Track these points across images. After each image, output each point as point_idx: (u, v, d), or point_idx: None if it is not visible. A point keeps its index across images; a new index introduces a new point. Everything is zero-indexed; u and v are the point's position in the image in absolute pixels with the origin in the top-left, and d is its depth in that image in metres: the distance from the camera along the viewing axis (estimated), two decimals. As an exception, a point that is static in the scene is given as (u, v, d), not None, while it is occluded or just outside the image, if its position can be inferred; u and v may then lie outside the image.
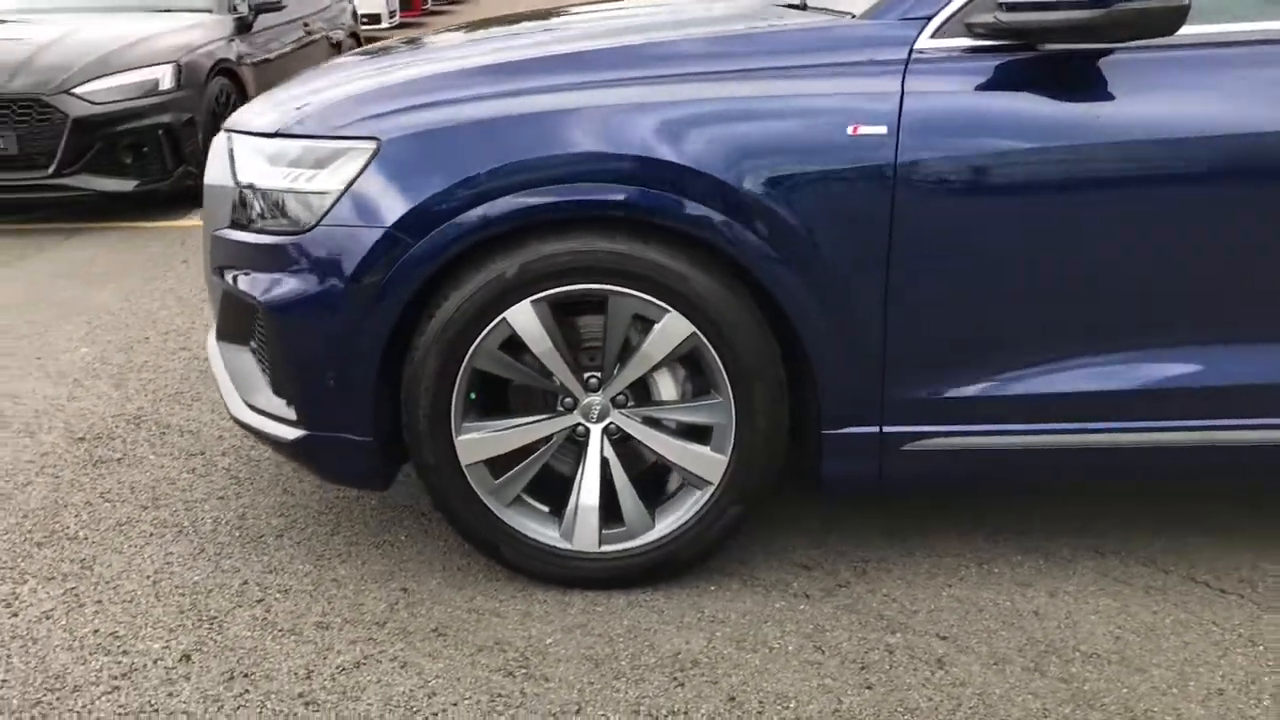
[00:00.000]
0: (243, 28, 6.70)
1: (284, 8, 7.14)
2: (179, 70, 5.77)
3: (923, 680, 2.11)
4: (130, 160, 5.56)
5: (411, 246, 2.17)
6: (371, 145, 2.21)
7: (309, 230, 2.24)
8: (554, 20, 2.97)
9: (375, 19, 16.60)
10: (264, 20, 6.92)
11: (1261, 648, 2.20)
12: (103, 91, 5.49)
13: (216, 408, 3.33)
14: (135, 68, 5.66)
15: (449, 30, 3.21)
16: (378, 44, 3.26)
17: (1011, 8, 2.06)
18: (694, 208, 2.14)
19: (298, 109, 2.39)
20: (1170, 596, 2.37)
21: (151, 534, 2.65)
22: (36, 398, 3.46)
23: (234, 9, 6.77)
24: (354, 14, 9.45)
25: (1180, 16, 1.98)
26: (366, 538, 2.64)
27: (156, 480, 2.92)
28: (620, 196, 2.14)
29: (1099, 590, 2.40)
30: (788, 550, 2.56)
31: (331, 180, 2.23)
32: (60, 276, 4.73)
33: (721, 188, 2.13)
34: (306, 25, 7.72)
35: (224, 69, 6.18)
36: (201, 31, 6.32)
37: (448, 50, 2.68)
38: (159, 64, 5.74)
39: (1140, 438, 2.25)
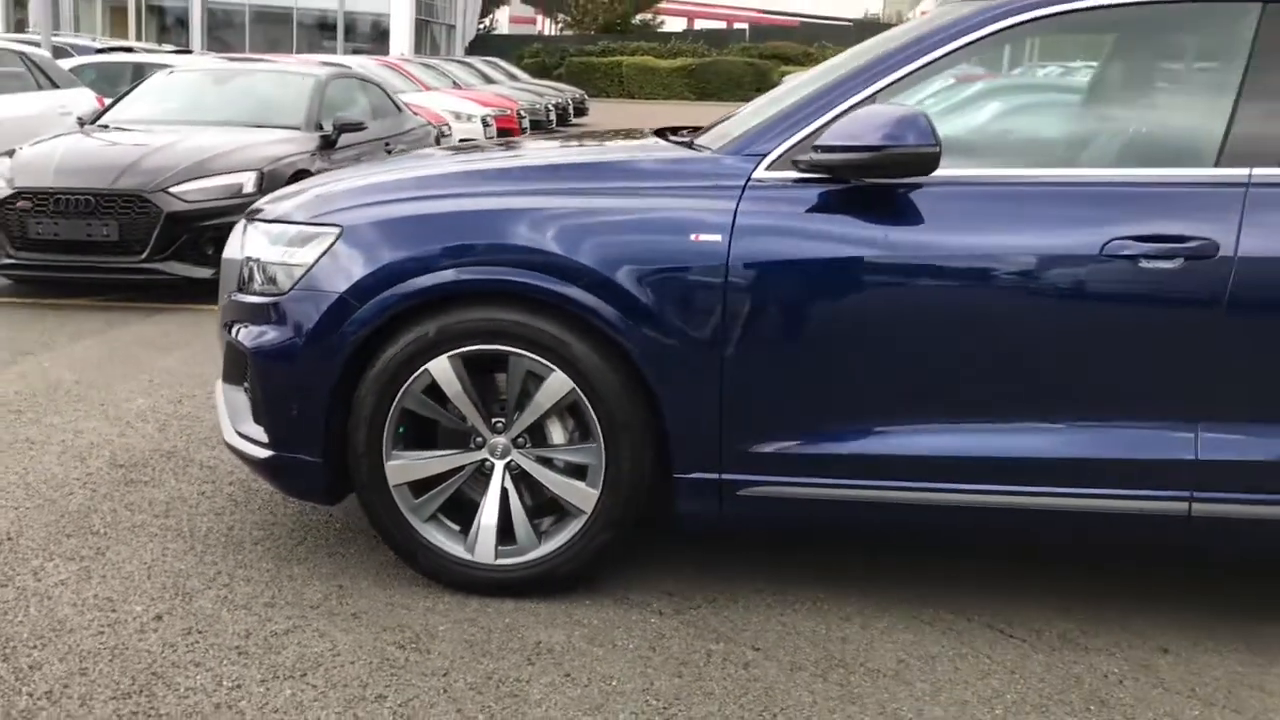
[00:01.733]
0: (326, 144, 7.63)
1: (365, 128, 8.08)
2: (262, 177, 6.66)
3: (726, 675, 2.61)
4: (211, 251, 6.41)
5: (358, 309, 2.83)
6: (336, 230, 2.89)
7: (288, 292, 2.92)
8: (511, 147, 3.67)
9: (474, 143, 17.83)
10: (347, 139, 7.85)
11: (1017, 675, 2.65)
12: (194, 191, 6.39)
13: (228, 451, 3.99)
14: (225, 173, 6.56)
15: (439, 149, 3.95)
16: (396, 154, 3.99)
17: (823, 150, 2.67)
18: (574, 290, 2.75)
19: (297, 201, 3.11)
20: (963, 637, 2.83)
21: (156, 534, 3.30)
22: (94, 434, 4.18)
23: (319, 127, 7.73)
24: (438, 138, 10.46)
25: (933, 160, 2.57)
26: (324, 549, 3.24)
27: (171, 498, 3.58)
28: (518, 278, 2.77)
29: (904, 628, 2.87)
30: (660, 581, 3.08)
31: (306, 255, 2.91)
32: (136, 344, 5.53)
33: (595, 276, 2.74)
34: (387, 145, 8.67)
35: (303, 177, 7.05)
36: (288, 146, 7.26)
37: (422, 161, 3.39)
38: (245, 170, 6.65)
39: (930, 497, 2.76)
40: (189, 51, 23.55)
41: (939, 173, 2.66)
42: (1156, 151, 2.89)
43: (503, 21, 57.46)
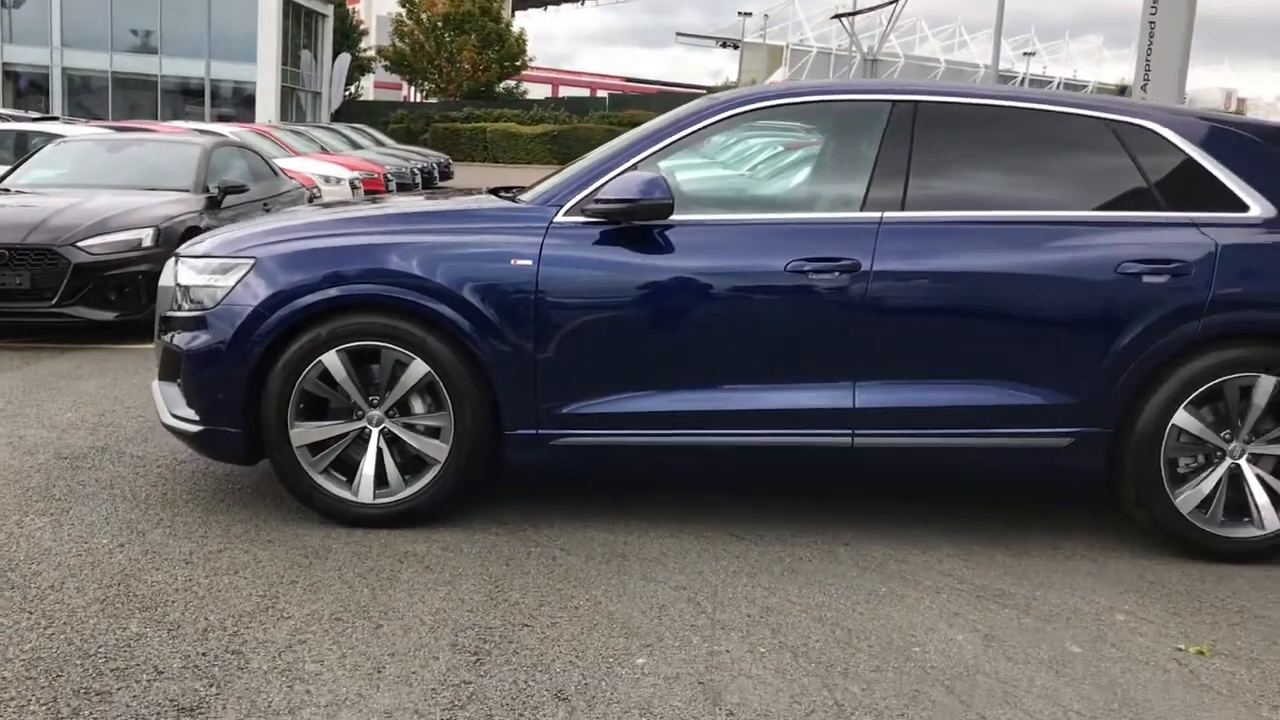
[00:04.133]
0: (213, 204, 8.59)
1: (247, 190, 9.08)
2: (158, 233, 7.60)
3: (540, 563, 3.76)
4: (115, 297, 7.32)
5: (268, 317, 3.91)
6: (251, 260, 3.98)
7: (213, 308, 3.99)
8: (378, 201, 4.81)
9: (343, 205, 18.72)
10: (231, 199, 8.81)
11: (740, 559, 3.86)
12: (99, 245, 7.30)
13: (158, 445, 4.97)
14: (126, 229, 7.50)
15: (324, 202, 5.06)
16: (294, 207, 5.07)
17: (601, 202, 3.90)
18: (430, 301, 3.89)
19: (217, 241, 4.18)
20: (710, 539, 4.03)
21: (106, 500, 4.28)
22: (35, 438, 5.10)
23: (207, 190, 8.70)
24: (310, 199, 11.46)
25: (669, 209, 3.83)
26: (241, 503, 4.27)
27: (113, 477, 4.56)
28: (389, 292, 3.90)
29: (669, 535, 4.05)
30: (498, 514, 4.20)
31: (228, 280, 3.99)
32: (54, 376, 6.41)
33: (445, 291, 3.89)
34: (266, 205, 9.64)
35: (194, 233, 8.01)
36: (180, 206, 8.22)
37: (313, 211, 4.50)
38: (144, 227, 7.58)
39: (683, 440, 3.96)
40: (54, 118, 23.90)
41: (683, 216, 3.92)
42: (825, 201, 4.20)
43: (369, 88, 58.31)
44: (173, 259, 4.35)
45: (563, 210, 4.00)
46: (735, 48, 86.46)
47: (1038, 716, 2.89)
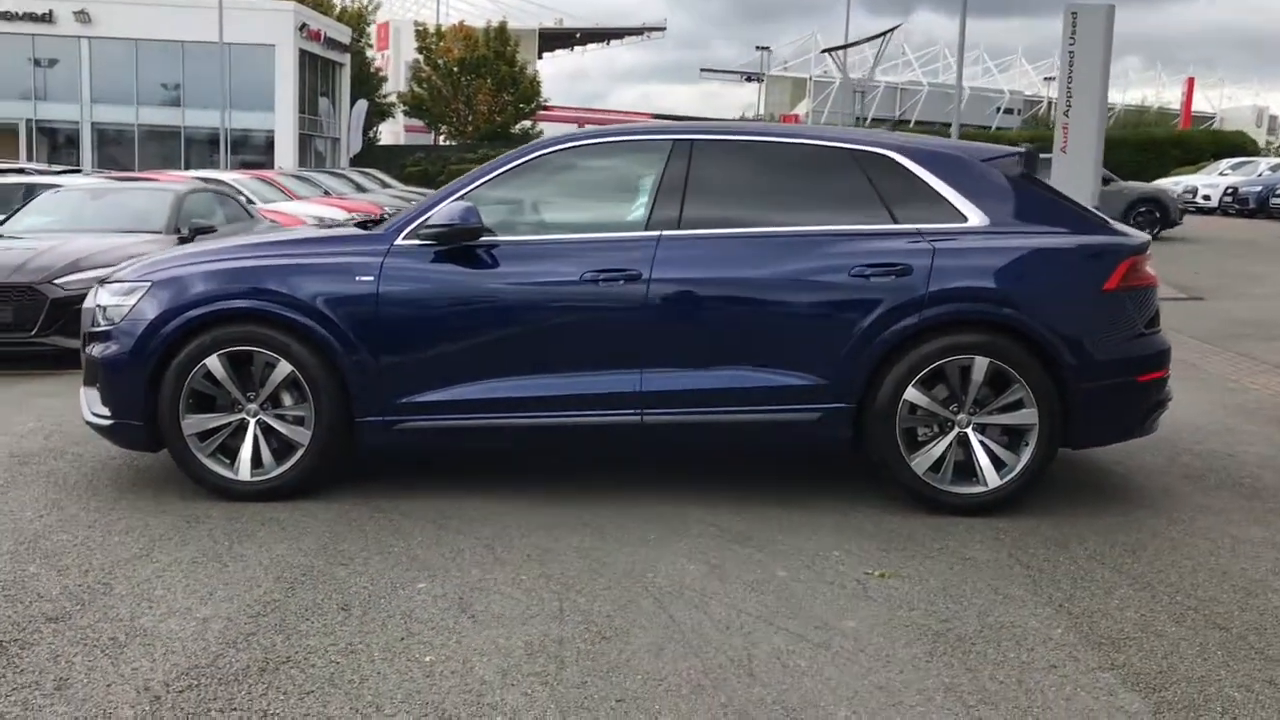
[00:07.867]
0: (184, 244, 9.54)
1: (216, 231, 10.04)
2: (128, 270, 8.57)
3: (376, 524, 4.59)
4: (88, 328, 8.28)
5: (162, 328, 4.80)
6: (148, 283, 4.88)
7: (119, 323, 4.88)
8: (268, 231, 5.70)
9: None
10: (201, 239, 9.79)
11: (548, 521, 4.67)
12: (74, 282, 8.26)
13: (98, 447, 5.84)
14: (98, 267, 8.45)
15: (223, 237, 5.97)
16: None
17: (429, 227, 4.77)
18: (291, 312, 4.77)
19: (128, 270, 5.09)
20: (522, 504, 4.84)
21: (42, 485, 5.16)
22: (-3, 443, 6.02)
23: (178, 231, 9.68)
24: (289, 238, 12.45)
25: (479, 232, 4.69)
26: (152, 488, 5.14)
27: (52, 469, 5.45)
28: (258, 305, 4.78)
29: (496, 503, 4.87)
30: (365, 490, 5.04)
31: (130, 300, 4.89)
32: (28, 395, 7.35)
33: (303, 304, 4.76)
34: (239, 244, 10.63)
35: (163, 271, 8.96)
36: (151, 246, 9.15)
37: (210, 242, 5.41)
38: (113, 265, 8.53)
39: (499, 423, 4.80)
40: (79, 170, 25.26)
41: (501, 237, 4.78)
42: (618, 223, 5.04)
43: (389, 133, 59.84)
44: (96, 285, 5.26)
45: (402, 235, 4.87)
46: (760, 81, 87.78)
47: (714, 615, 3.69)
